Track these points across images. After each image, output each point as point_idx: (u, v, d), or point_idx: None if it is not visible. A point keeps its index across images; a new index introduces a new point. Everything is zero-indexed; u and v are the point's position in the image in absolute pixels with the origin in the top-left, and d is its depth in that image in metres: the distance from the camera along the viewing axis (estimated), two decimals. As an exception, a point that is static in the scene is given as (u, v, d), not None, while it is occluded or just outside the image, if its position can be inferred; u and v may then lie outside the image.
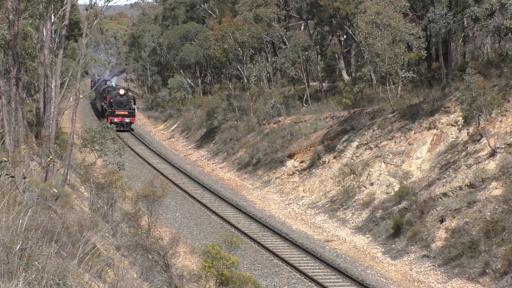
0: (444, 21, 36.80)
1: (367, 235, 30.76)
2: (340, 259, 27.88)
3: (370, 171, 34.77)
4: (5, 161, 10.71)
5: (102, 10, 24.40)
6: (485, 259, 23.91)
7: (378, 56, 37.04)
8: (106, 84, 75.37)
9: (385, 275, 25.96)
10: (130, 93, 71.80)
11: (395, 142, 35.38)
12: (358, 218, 32.54)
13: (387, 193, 32.62)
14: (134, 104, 67.71)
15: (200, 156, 53.51)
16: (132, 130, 64.76)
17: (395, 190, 32.12)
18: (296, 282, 24.90)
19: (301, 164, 41.16)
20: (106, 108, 65.67)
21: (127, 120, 64.74)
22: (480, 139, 29.83)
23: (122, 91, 65.27)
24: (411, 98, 37.99)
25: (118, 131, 59.12)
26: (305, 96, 51.12)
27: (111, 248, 19.35)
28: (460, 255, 25.18)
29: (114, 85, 74.43)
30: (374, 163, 35.06)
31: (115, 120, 63.04)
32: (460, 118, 31.33)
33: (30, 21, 32.92)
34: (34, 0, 31.45)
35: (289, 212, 36.21)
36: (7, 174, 9.71)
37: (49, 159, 16.19)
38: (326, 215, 34.45)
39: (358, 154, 37.24)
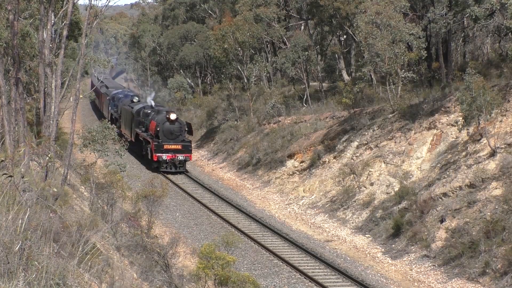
0: (444, 21, 36.81)
1: (367, 235, 30.75)
2: (340, 259, 27.87)
3: (370, 171, 34.76)
4: (2, 160, 10.71)
5: (102, 10, 24.42)
6: (485, 259, 23.91)
7: (378, 56, 37.03)
8: (132, 101, 55.91)
9: (385, 275, 25.95)
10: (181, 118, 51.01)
11: (395, 142, 35.38)
12: (358, 218, 32.54)
13: (387, 193, 32.62)
14: (190, 133, 47.57)
15: (200, 156, 53.50)
16: (187, 171, 45.36)
17: (395, 190, 32.11)
18: (296, 282, 24.89)
19: (301, 164, 41.15)
20: (149, 139, 45.67)
21: (181, 157, 44.31)
22: (480, 139, 29.82)
23: (173, 116, 45.08)
24: (411, 98, 37.99)
25: (167, 172, 44.04)
26: (305, 96, 51.12)
27: (111, 248, 19.36)
28: (460, 255, 25.17)
29: (153, 104, 51.59)
30: (374, 163, 35.06)
31: (164, 157, 43.89)
32: (460, 118, 31.33)
33: (30, 20, 32.90)
34: (34, 0, 31.45)
35: (289, 212, 36.21)
36: (5, 174, 9.71)
37: (47, 158, 16.19)
38: (326, 215, 34.44)
39: (358, 154, 37.24)
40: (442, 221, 27.37)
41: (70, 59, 44.59)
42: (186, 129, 45.93)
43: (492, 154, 28.22)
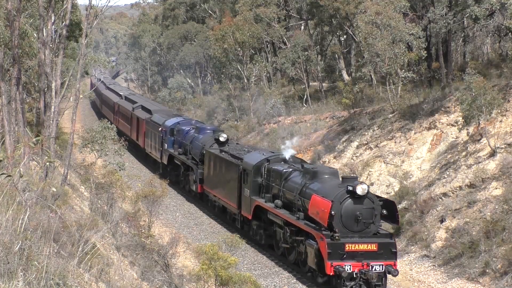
0: (444, 21, 36.80)
1: (367, 235, 30.68)
2: (340, 259, 27.78)
3: (370, 171, 34.77)
4: (1, 161, 10.72)
5: (102, 10, 24.41)
6: (485, 259, 23.90)
7: (378, 56, 37.03)
8: (218, 140, 35.13)
9: (385, 275, 25.91)
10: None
11: (395, 142, 35.38)
12: (358, 218, 32.47)
13: (387, 193, 32.60)
14: (395, 220, 23.83)
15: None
16: None
17: (395, 190, 32.11)
18: (296, 282, 24.87)
19: (301, 164, 41.13)
20: (309, 230, 23.48)
21: (377, 266, 22.30)
22: (480, 139, 29.83)
23: (361, 188, 22.36)
24: (411, 98, 37.99)
25: None
26: (305, 96, 51.12)
27: (111, 248, 19.36)
28: (460, 255, 25.17)
29: (289, 156, 28.66)
30: (374, 163, 35.07)
31: (347, 268, 21.85)
32: (460, 118, 31.33)
33: (31, 20, 32.91)
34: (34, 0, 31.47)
35: (289, 212, 36.16)
36: (3, 173, 9.71)
37: (46, 157, 16.19)
38: (326, 215, 34.36)
39: (358, 154, 37.25)
40: (442, 221, 27.37)
41: (70, 59, 44.64)
42: (383, 212, 22.91)
43: (492, 154, 28.22)
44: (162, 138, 41.76)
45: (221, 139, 35.15)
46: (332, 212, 22.11)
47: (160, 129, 42.29)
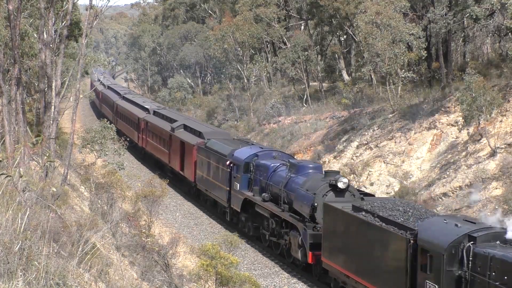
0: (444, 21, 36.80)
1: (367, 235, 30.65)
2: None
3: (370, 171, 34.77)
4: (1, 161, 10.74)
5: (102, 10, 24.41)
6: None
7: (378, 56, 37.03)
8: (345, 189, 22.93)
9: (385, 275, 25.88)
10: None
11: (395, 142, 35.39)
12: (358, 218, 32.46)
13: (387, 193, 32.61)
14: None
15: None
16: None
17: (395, 190, 32.10)
18: (296, 282, 24.87)
19: (301, 164, 41.13)
20: None
21: None
22: (480, 139, 29.83)
23: None
24: (411, 98, 37.98)
25: None
26: (305, 96, 51.11)
27: (111, 248, 19.36)
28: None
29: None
30: (374, 163, 35.07)
31: None
32: (460, 118, 31.33)
33: (31, 20, 32.90)
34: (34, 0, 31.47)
35: (289, 212, 36.14)
36: (3, 173, 9.72)
37: (46, 157, 16.19)
38: (326, 215, 34.32)
39: (358, 154, 37.25)
40: (442, 221, 27.33)
41: (70, 59, 44.63)
42: None
43: (492, 154, 28.22)
44: (230, 174, 30.85)
45: (341, 185, 23.13)
46: None
47: (227, 162, 31.16)
